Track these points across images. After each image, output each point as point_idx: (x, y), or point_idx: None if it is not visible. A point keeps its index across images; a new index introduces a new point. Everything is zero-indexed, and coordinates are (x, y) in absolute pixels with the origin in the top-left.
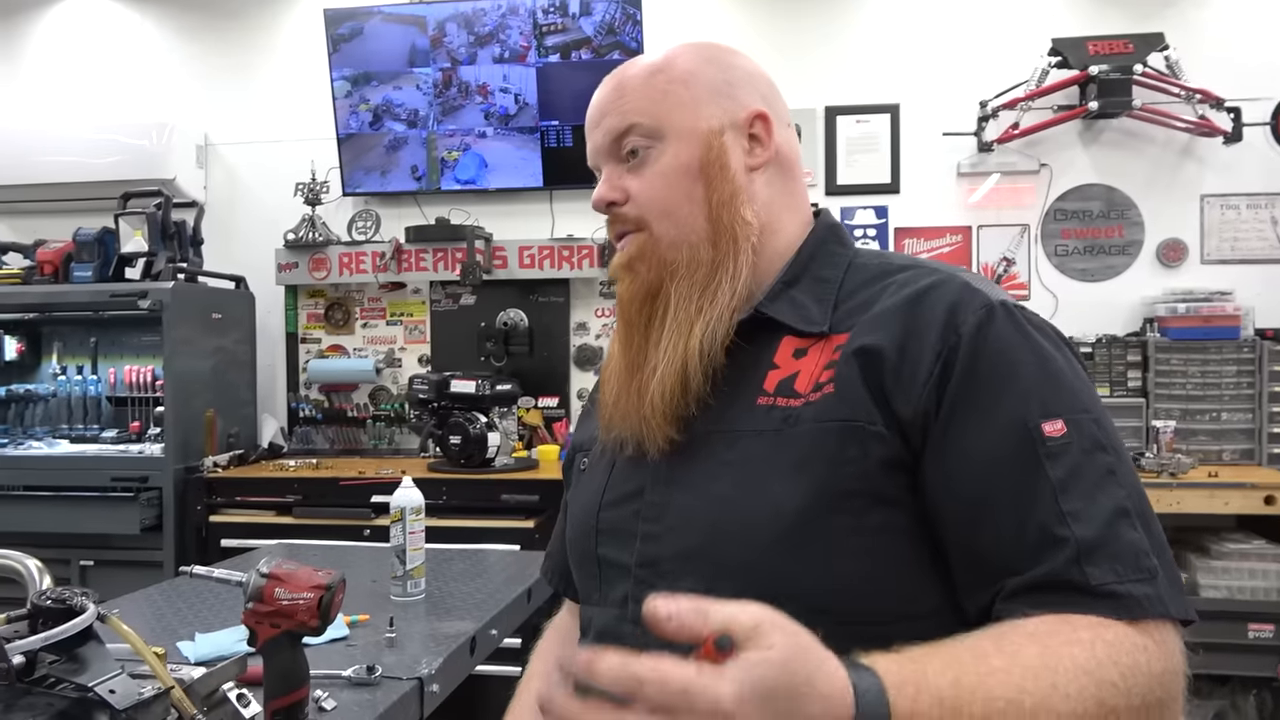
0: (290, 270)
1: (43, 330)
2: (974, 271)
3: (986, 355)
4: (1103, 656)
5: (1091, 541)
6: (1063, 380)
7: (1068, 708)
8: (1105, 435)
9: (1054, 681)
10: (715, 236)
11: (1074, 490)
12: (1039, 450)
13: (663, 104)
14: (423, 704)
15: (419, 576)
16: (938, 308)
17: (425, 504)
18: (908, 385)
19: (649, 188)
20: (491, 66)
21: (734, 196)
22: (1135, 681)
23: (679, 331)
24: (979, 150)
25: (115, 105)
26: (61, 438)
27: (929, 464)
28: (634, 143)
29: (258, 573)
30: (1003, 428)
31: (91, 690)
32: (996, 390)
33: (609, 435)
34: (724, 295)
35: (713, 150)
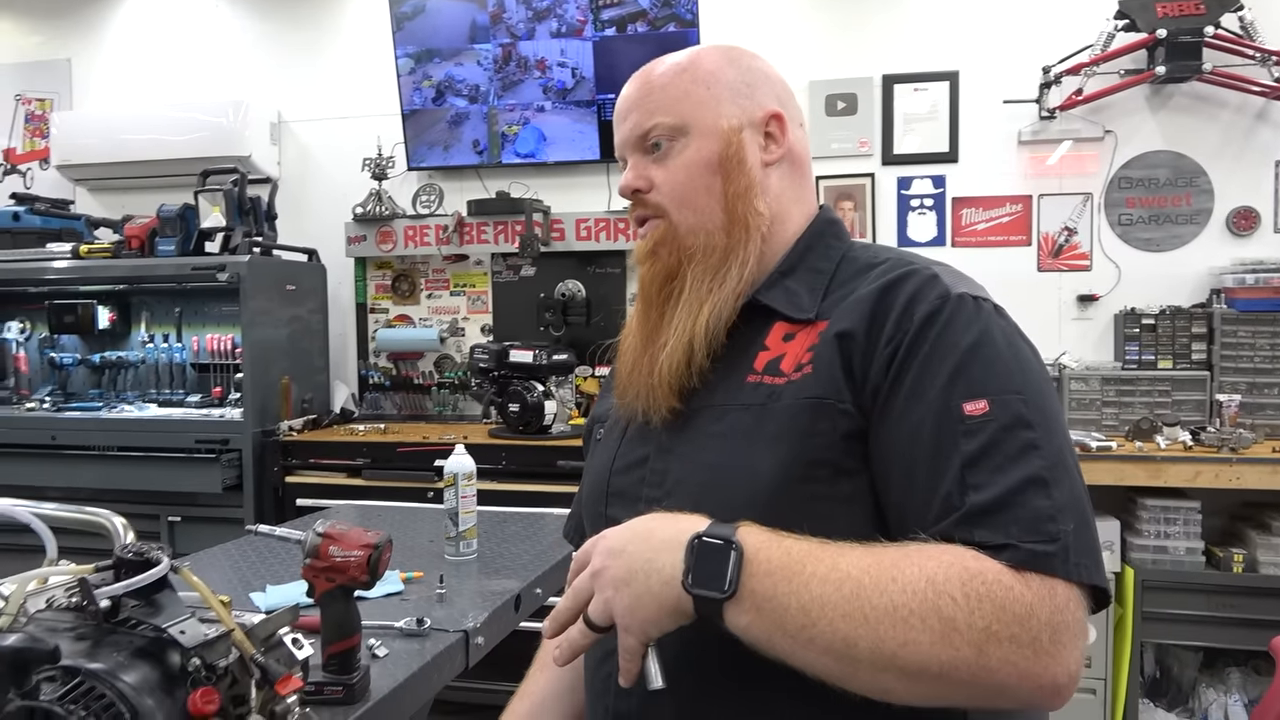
0: (359, 243)
1: (131, 300)
2: (949, 266)
3: (929, 340)
4: (953, 575)
5: (986, 506)
6: (995, 364)
7: (900, 599)
8: (1033, 413)
9: (894, 575)
10: (729, 225)
11: (983, 464)
12: (957, 428)
13: (686, 102)
14: (468, 654)
15: (471, 538)
16: (900, 297)
17: (485, 468)
18: (867, 364)
19: (671, 178)
20: (549, 41)
21: (749, 189)
22: (981, 606)
23: (689, 310)
24: (1041, 118)
25: (194, 85)
26: (150, 402)
27: (872, 435)
28: (658, 136)
29: (314, 532)
30: (928, 405)
31: (165, 631)
32: (931, 371)
33: (622, 403)
34: (732, 279)
35: (731, 146)
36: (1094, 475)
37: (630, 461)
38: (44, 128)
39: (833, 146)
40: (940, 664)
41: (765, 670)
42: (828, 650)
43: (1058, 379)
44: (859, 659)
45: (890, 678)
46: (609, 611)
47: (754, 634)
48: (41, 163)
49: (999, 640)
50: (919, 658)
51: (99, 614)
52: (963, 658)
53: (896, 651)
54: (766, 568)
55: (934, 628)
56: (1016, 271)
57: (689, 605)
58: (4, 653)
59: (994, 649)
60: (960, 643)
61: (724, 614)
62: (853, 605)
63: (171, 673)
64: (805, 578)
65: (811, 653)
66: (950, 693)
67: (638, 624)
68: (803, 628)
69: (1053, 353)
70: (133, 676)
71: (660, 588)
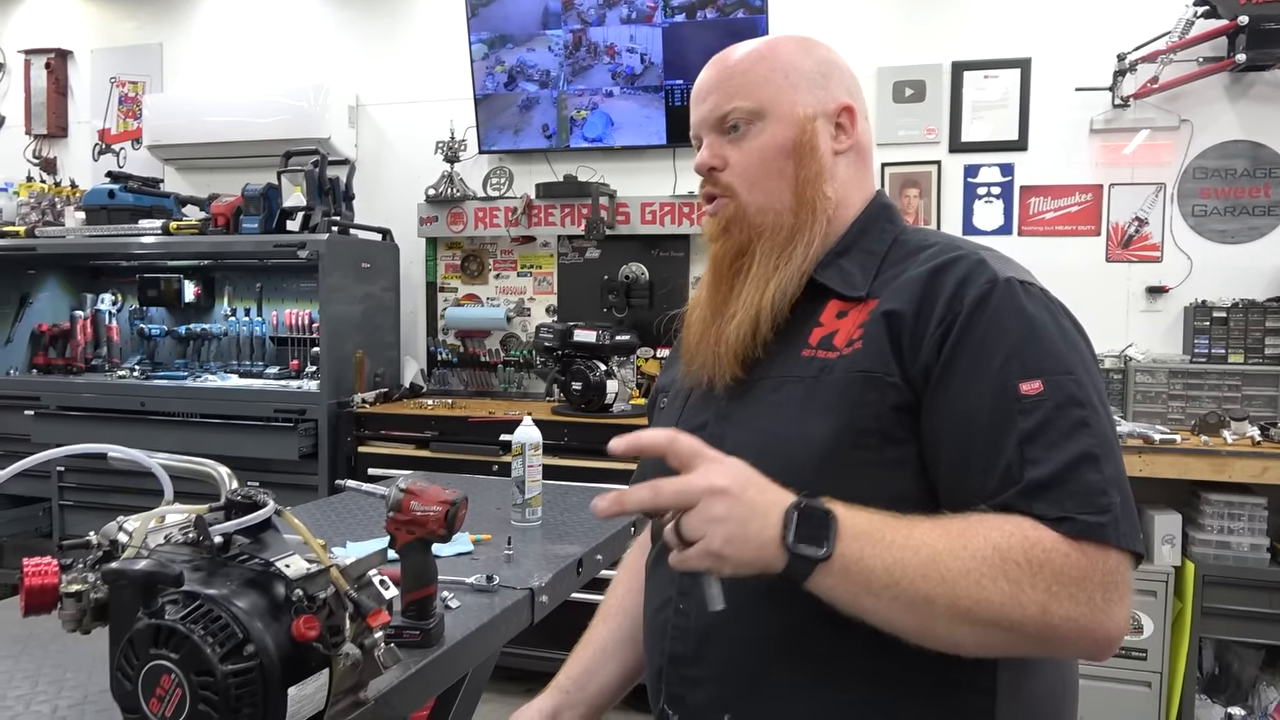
0: (430, 224)
1: (215, 275)
2: (995, 251)
3: (982, 321)
4: (1015, 543)
5: (1044, 481)
6: (1047, 346)
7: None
8: (1083, 393)
9: (964, 543)
10: (797, 207)
11: (1039, 440)
12: (1014, 406)
13: (765, 88)
14: (533, 611)
15: (536, 505)
16: (950, 280)
17: (548, 444)
18: (917, 343)
19: (745, 159)
20: (619, 27)
21: (818, 175)
22: (1042, 571)
23: (757, 285)
24: (1113, 106)
25: (277, 69)
26: (231, 373)
27: (925, 411)
28: (737, 119)
29: (397, 488)
30: (986, 383)
31: (272, 565)
32: (987, 351)
33: (690, 370)
34: (798, 258)
35: (805, 134)
36: (1156, 468)
37: (691, 427)
38: (136, 109)
39: (899, 134)
40: (1010, 620)
41: (814, 624)
42: (909, 607)
43: (1123, 371)
44: (937, 615)
45: (965, 630)
46: (704, 533)
47: (838, 593)
48: (134, 143)
49: (1060, 600)
50: (991, 614)
51: (213, 548)
52: (1029, 615)
53: (971, 608)
54: (854, 533)
55: (1003, 589)
56: (1084, 262)
57: (782, 562)
58: (136, 576)
59: (1056, 607)
60: (1027, 601)
61: (812, 575)
62: (930, 568)
63: (277, 601)
64: (887, 544)
65: (894, 610)
66: (1017, 645)
67: (729, 557)
68: (886, 587)
69: (1119, 344)
70: (244, 602)
71: (767, 539)
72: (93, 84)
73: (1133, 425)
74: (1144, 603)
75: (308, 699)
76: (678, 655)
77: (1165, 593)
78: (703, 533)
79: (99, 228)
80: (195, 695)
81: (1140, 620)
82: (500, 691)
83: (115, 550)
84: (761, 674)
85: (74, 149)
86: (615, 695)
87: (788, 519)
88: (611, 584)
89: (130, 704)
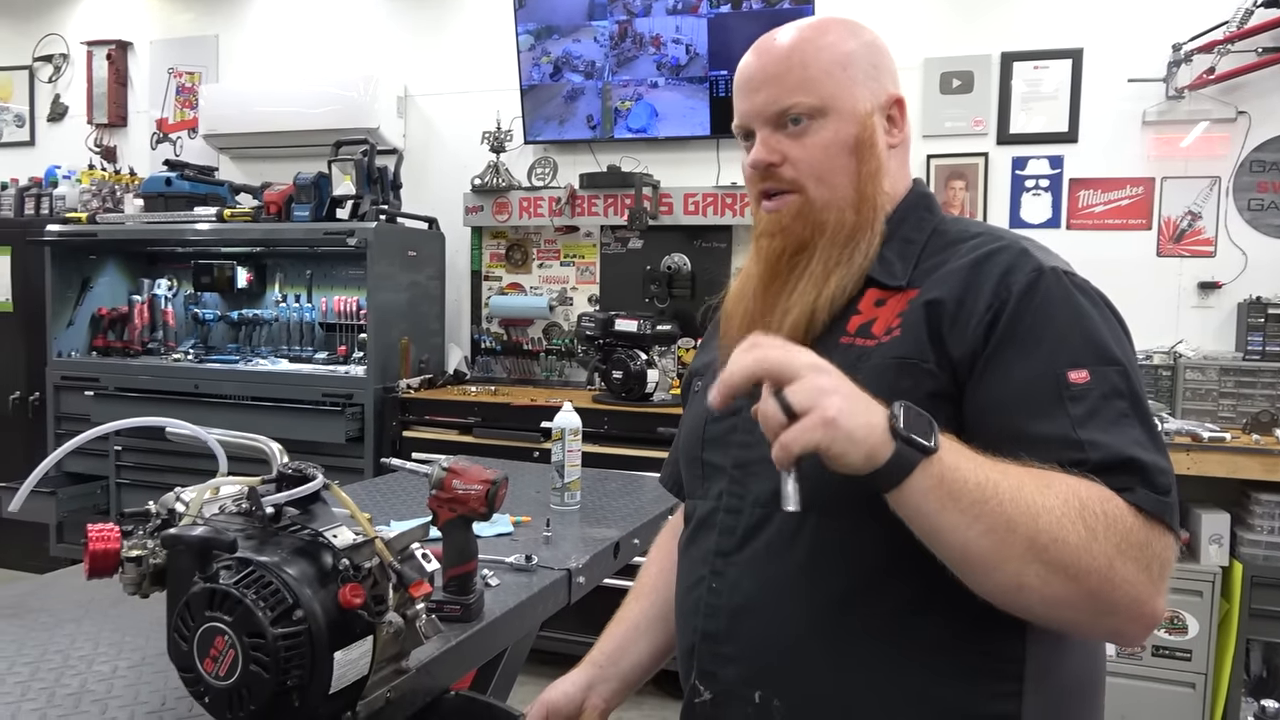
0: (476, 213)
1: (267, 262)
2: (1036, 241)
3: (1030, 310)
4: (1093, 495)
5: (1105, 462)
6: (1093, 336)
7: (1054, 502)
8: (1127, 385)
9: (1049, 482)
10: (859, 204)
11: (1091, 425)
12: (1063, 393)
13: (826, 83)
14: (570, 591)
15: (575, 490)
16: (995, 269)
17: (589, 432)
18: (961, 331)
19: (809, 156)
20: (665, 18)
21: (878, 170)
22: (1114, 526)
23: (815, 282)
24: (1168, 97)
25: (328, 60)
26: (282, 357)
27: (969, 396)
28: (798, 115)
29: (440, 466)
30: (1034, 369)
31: (320, 535)
32: (1035, 339)
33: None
34: (859, 255)
35: (867, 130)
36: (1205, 466)
37: (725, 411)
38: (193, 99)
39: (945, 125)
40: (1080, 566)
41: (845, 604)
42: (991, 530)
43: (1172, 368)
44: (1015, 543)
45: (1035, 569)
46: (818, 403)
47: (928, 502)
48: (190, 132)
49: (1125, 558)
50: (1064, 556)
51: (264, 518)
52: (1097, 566)
53: (1048, 545)
54: (952, 444)
55: (1080, 533)
56: (1134, 256)
57: (888, 451)
58: (193, 541)
59: (1120, 565)
60: (1098, 552)
61: (911, 475)
62: (1019, 494)
63: (325, 570)
64: (979, 461)
65: (976, 530)
66: (1073, 598)
67: (844, 426)
68: (975, 503)
69: (1169, 340)
70: (294, 570)
71: (876, 421)
72: (151, 74)
73: (1181, 423)
74: (1190, 603)
75: (352, 664)
76: (710, 633)
77: (1212, 593)
78: (815, 401)
79: (156, 215)
80: (247, 656)
81: (1185, 620)
82: (538, 674)
83: (173, 519)
84: (793, 652)
85: (133, 138)
86: (647, 671)
87: (894, 409)
88: (644, 563)
89: (186, 664)
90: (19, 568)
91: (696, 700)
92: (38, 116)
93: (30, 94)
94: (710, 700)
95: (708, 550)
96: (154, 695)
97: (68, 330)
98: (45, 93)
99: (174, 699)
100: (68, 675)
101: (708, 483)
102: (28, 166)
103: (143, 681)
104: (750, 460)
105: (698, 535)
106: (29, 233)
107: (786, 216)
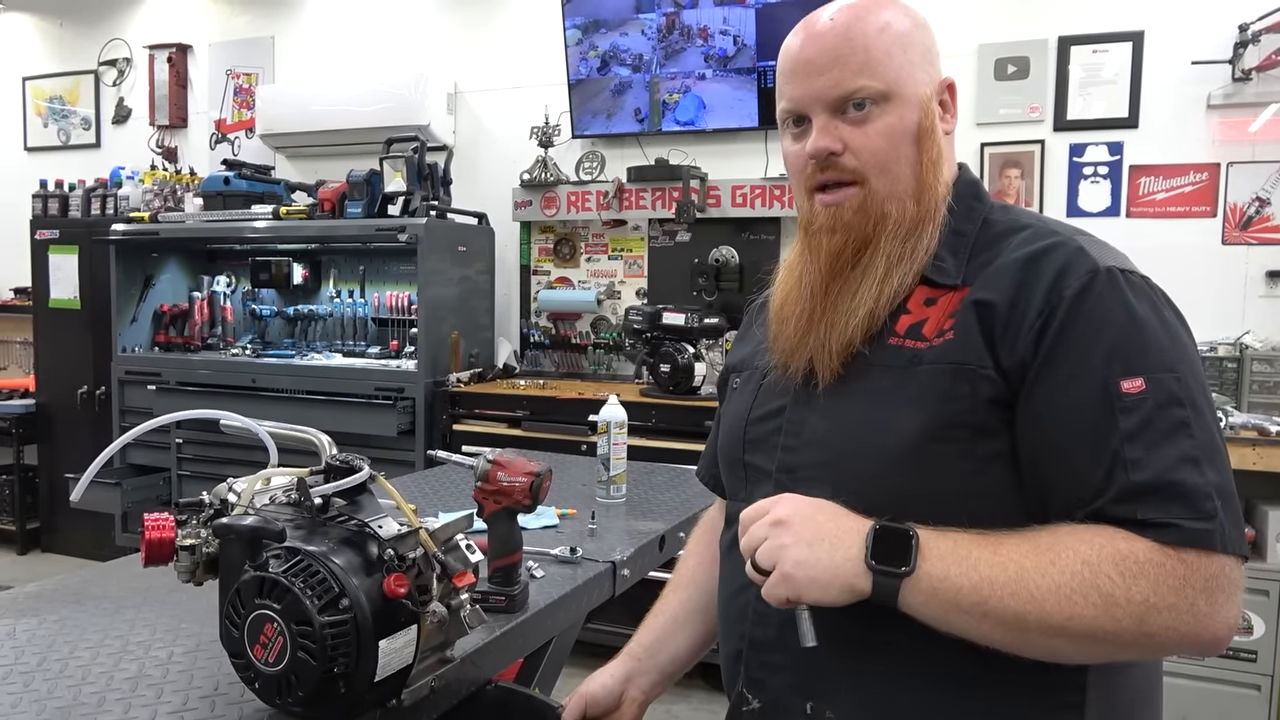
0: (524, 208)
1: (322, 258)
2: (1092, 236)
3: (1083, 315)
4: (1105, 556)
5: (1145, 485)
6: (1150, 341)
7: (1061, 579)
8: (1185, 392)
9: (1052, 559)
10: (920, 194)
11: (1140, 440)
12: (1115, 404)
13: (890, 66)
14: (615, 584)
15: (620, 482)
16: (1048, 269)
17: (636, 425)
18: (1014, 336)
19: (872, 144)
20: (712, 9)
21: (939, 158)
22: (1137, 582)
23: (875, 279)
24: (1234, 80)
25: (380, 59)
26: (335, 351)
27: (1021, 406)
28: (864, 98)
29: (485, 459)
30: (1086, 381)
31: (367, 525)
32: (1087, 347)
33: (785, 362)
34: (920, 250)
35: (928, 116)
36: (1272, 461)
37: (768, 411)
38: (250, 100)
39: (1000, 112)
40: (1105, 632)
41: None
42: (1001, 623)
43: (1238, 360)
44: (1029, 630)
45: (1061, 643)
46: (778, 559)
47: (930, 611)
48: (247, 132)
49: (1158, 610)
50: (1085, 628)
51: (313, 509)
52: (1125, 627)
53: (1064, 624)
54: (939, 551)
55: (1095, 603)
56: (1198, 245)
57: (866, 583)
58: (244, 531)
59: (1154, 618)
60: (1121, 615)
61: (900, 592)
62: (1019, 585)
63: (370, 559)
64: (973, 561)
65: (985, 625)
66: (1119, 653)
67: (803, 580)
68: (975, 604)
69: (1235, 331)
70: (341, 559)
71: (841, 560)
72: (210, 76)
73: (1247, 416)
74: (1255, 602)
75: (397, 652)
76: (759, 640)
77: (1278, 593)
78: (773, 559)
79: (215, 213)
80: (295, 644)
81: (1250, 620)
82: (584, 666)
83: (225, 509)
84: (847, 665)
85: (193, 138)
86: (685, 664)
87: (869, 539)
88: (683, 555)
89: (237, 650)
90: (88, 556)
91: (745, 708)
92: (103, 119)
93: (96, 98)
94: (759, 709)
95: None
96: (208, 680)
97: (131, 326)
98: (110, 96)
99: (226, 684)
100: (126, 660)
101: (750, 485)
102: (94, 168)
103: (197, 667)
104: (797, 465)
105: None
106: (95, 232)
107: (848, 211)
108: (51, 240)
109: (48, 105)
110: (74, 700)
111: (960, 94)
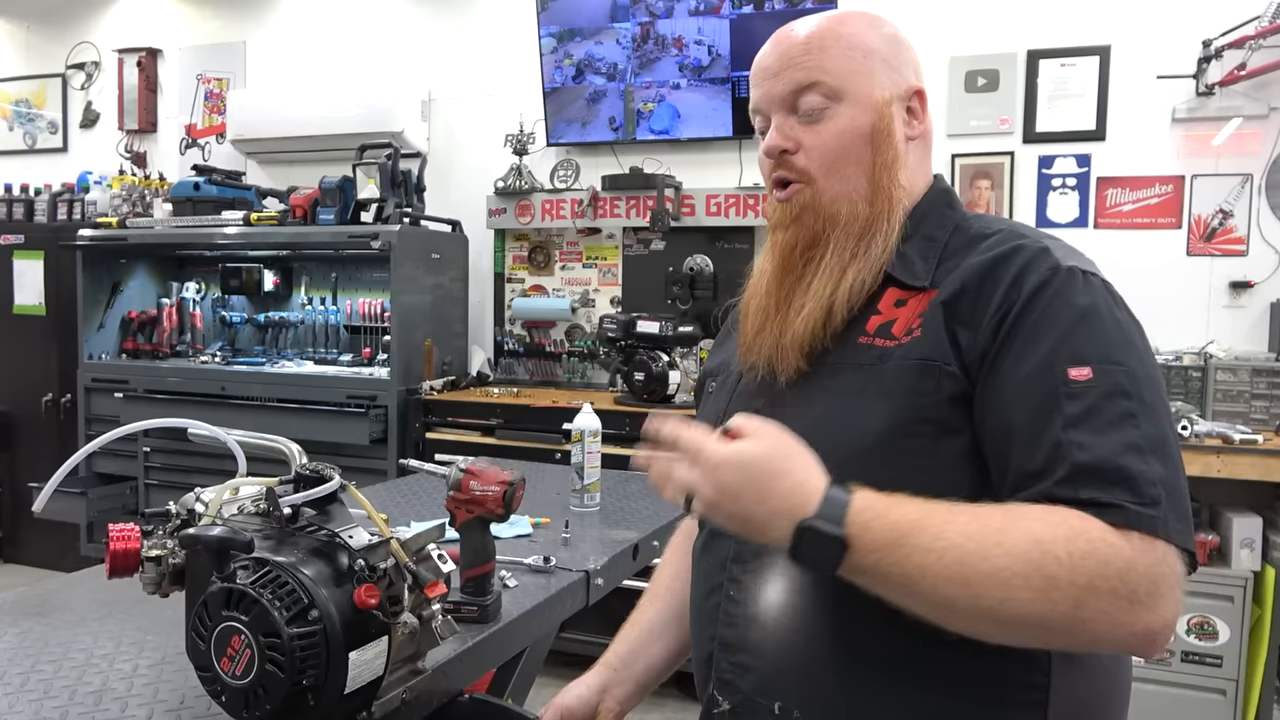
0: (499, 215)
1: (293, 265)
2: (1061, 241)
3: (1039, 307)
4: (1059, 535)
5: (1088, 466)
6: (1101, 335)
7: (1003, 562)
8: (1134, 387)
9: (1000, 540)
10: (873, 196)
11: (1084, 426)
12: (1061, 390)
13: (845, 68)
14: (589, 593)
15: (594, 491)
16: (1012, 268)
17: (610, 433)
18: (974, 330)
19: (822, 144)
20: (687, 19)
21: (894, 162)
22: (1084, 563)
23: (830, 277)
24: (1198, 94)
25: (353, 65)
26: (307, 359)
27: (977, 395)
28: (814, 100)
29: (457, 468)
30: (1035, 367)
31: (337, 535)
32: (1039, 336)
33: (746, 361)
34: (876, 249)
35: (884, 119)
36: (1236, 469)
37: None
38: (221, 105)
39: (971, 124)
40: (1037, 616)
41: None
42: (926, 606)
43: (1202, 369)
44: (956, 612)
45: (986, 625)
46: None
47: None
48: (218, 137)
49: (1098, 593)
50: (1014, 612)
51: (282, 519)
52: (1059, 611)
53: (994, 607)
54: (871, 546)
55: (1036, 586)
56: (1163, 255)
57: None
58: (210, 541)
59: (1092, 601)
60: (1059, 598)
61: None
62: (954, 571)
63: (340, 570)
64: (908, 550)
65: (909, 604)
66: (1045, 639)
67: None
68: (901, 587)
69: (1199, 341)
70: (310, 570)
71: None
72: (180, 81)
73: (1211, 425)
74: (1221, 608)
75: (368, 664)
76: (728, 641)
77: (1243, 598)
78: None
79: (185, 219)
80: (263, 656)
81: (1216, 626)
82: (557, 675)
83: (192, 519)
84: (814, 663)
85: (163, 143)
86: (661, 674)
87: (795, 537)
88: (659, 565)
89: (204, 663)
90: (52, 567)
91: (715, 710)
92: (70, 123)
93: (63, 101)
94: (729, 710)
95: (724, 557)
96: (173, 694)
97: (98, 333)
98: (78, 100)
99: (193, 697)
100: (90, 673)
101: None
102: (61, 173)
103: (162, 680)
104: None
105: (713, 542)
106: (61, 237)
107: (796, 207)
108: (16, 245)
109: (13, 109)
110: (35, 715)
111: (931, 105)
